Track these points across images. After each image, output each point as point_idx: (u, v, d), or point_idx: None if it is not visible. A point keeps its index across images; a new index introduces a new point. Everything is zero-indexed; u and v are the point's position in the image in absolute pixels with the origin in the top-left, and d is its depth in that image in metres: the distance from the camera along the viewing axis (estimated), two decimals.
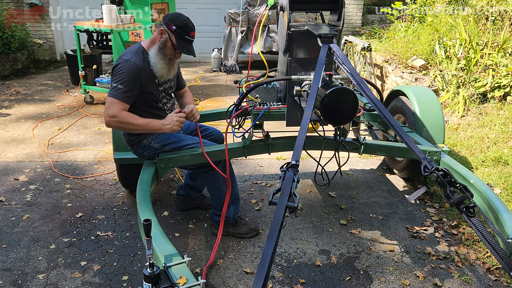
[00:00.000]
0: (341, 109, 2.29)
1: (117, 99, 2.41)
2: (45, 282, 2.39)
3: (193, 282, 1.58)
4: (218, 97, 6.09)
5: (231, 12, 7.36)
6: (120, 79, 2.42)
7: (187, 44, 2.49)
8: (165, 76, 2.57)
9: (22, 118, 5.07)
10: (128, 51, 2.53)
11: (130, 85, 2.43)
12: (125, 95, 2.42)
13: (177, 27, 2.43)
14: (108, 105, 2.43)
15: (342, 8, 2.73)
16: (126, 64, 2.43)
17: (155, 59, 2.50)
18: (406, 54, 5.57)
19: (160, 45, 2.49)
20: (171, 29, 2.44)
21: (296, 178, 1.70)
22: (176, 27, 2.43)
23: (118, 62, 2.47)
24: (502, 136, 4.07)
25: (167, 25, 2.45)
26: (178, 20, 2.45)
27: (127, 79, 2.42)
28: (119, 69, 2.44)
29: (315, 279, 2.47)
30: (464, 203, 1.78)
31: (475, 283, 2.46)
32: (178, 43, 2.46)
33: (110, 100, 2.42)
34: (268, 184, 3.61)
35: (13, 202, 3.21)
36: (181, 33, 2.45)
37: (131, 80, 2.42)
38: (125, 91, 2.42)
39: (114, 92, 2.42)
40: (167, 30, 2.46)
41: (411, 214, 3.18)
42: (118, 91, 2.41)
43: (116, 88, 2.42)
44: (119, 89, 2.41)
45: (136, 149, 2.70)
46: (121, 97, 2.42)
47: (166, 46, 2.49)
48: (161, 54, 2.50)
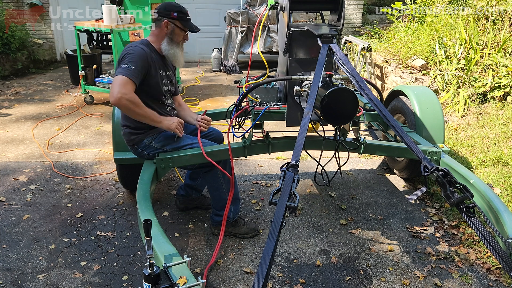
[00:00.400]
0: (341, 109, 2.29)
1: (128, 78, 2.43)
2: (45, 282, 2.39)
3: (193, 282, 1.58)
4: (218, 97, 6.09)
5: (231, 12, 7.36)
6: (130, 60, 2.47)
7: (191, 23, 2.67)
8: (182, 62, 2.73)
9: (22, 118, 5.07)
10: (133, 43, 2.62)
11: (140, 66, 2.48)
12: (136, 74, 2.46)
13: (177, 13, 2.60)
14: (119, 82, 2.42)
15: (342, 8, 2.73)
16: (135, 49, 2.53)
17: (171, 50, 2.63)
18: (406, 54, 5.57)
19: (169, 35, 2.62)
20: (173, 17, 2.59)
21: (296, 178, 1.70)
22: (176, 13, 2.59)
23: (126, 50, 2.53)
24: (502, 136, 4.07)
25: (167, 16, 2.59)
26: (173, 7, 2.60)
27: (137, 61, 2.48)
28: (128, 53, 2.51)
29: (315, 279, 2.47)
30: (464, 203, 1.78)
31: (475, 283, 2.46)
32: (185, 24, 2.63)
33: (122, 78, 2.42)
34: (268, 184, 3.61)
35: (13, 202, 3.21)
36: (183, 16, 2.61)
37: (140, 63, 2.49)
38: (135, 71, 2.46)
39: (125, 71, 2.44)
40: (170, 19, 2.59)
41: (411, 214, 3.18)
42: (130, 70, 2.44)
43: (127, 68, 2.45)
44: (130, 68, 2.45)
45: (136, 148, 2.70)
46: (132, 76, 2.44)
47: (175, 33, 2.62)
48: (174, 43, 2.64)
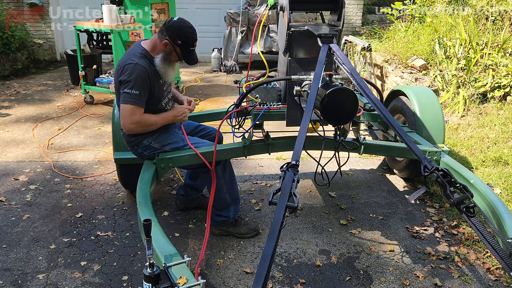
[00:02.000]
0: (341, 109, 2.29)
1: (136, 106, 2.43)
2: (45, 282, 2.39)
3: (193, 282, 1.58)
4: (218, 97, 6.09)
5: (231, 12, 7.36)
6: (133, 84, 2.42)
7: (192, 54, 2.56)
8: (172, 77, 2.66)
9: (22, 118, 5.07)
10: (131, 54, 2.51)
11: (143, 88, 2.45)
12: (142, 99, 2.46)
13: (182, 42, 2.46)
14: (129, 112, 2.43)
15: (342, 8, 2.73)
16: (136, 68, 2.43)
17: (163, 68, 2.54)
18: (406, 54, 5.57)
19: (165, 55, 2.52)
20: (177, 43, 2.47)
21: (296, 178, 1.70)
22: (181, 42, 2.46)
23: (125, 65, 2.45)
24: (502, 136, 4.07)
25: (171, 39, 2.46)
26: (182, 33, 2.45)
27: (140, 83, 2.43)
28: (129, 74, 2.42)
29: (315, 279, 2.47)
30: (464, 203, 1.78)
31: (475, 283, 2.46)
32: (184, 56, 2.53)
33: (130, 108, 2.43)
34: (268, 184, 3.61)
35: (13, 202, 3.21)
36: (186, 47, 2.49)
37: (143, 84, 2.45)
38: (141, 96, 2.44)
39: (131, 98, 2.42)
40: (172, 43, 2.47)
41: (411, 214, 3.18)
42: (135, 97, 2.43)
43: (131, 94, 2.42)
44: (135, 94, 2.42)
45: (136, 149, 2.70)
46: (139, 102, 2.45)
47: (171, 55, 2.53)
48: (167, 62, 2.55)
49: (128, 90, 2.42)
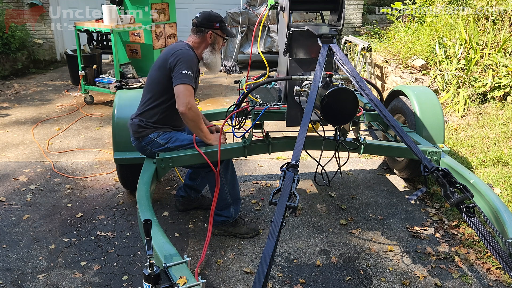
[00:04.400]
0: (341, 109, 2.29)
1: (192, 86, 2.51)
2: (45, 282, 2.39)
3: (193, 282, 1.58)
4: (218, 97, 6.09)
5: (231, 12, 7.36)
6: (188, 66, 2.51)
7: (228, 29, 2.77)
8: (219, 68, 2.86)
9: (22, 118, 5.07)
10: (179, 45, 2.63)
11: (194, 71, 2.56)
12: (194, 81, 2.55)
13: (219, 22, 2.69)
14: (188, 93, 2.48)
15: (342, 8, 2.73)
16: (189, 52, 2.58)
17: (214, 59, 2.72)
18: (406, 54, 5.57)
19: (212, 45, 2.71)
20: (216, 27, 2.68)
21: (296, 178, 1.70)
22: (218, 23, 2.68)
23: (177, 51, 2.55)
24: (502, 136, 4.07)
25: (210, 27, 2.66)
26: (214, 17, 2.68)
27: (192, 66, 2.55)
28: (183, 57, 2.53)
29: (315, 279, 2.47)
30: (464, 203, 1.78)
31: (475, 283, 2.46)
32: (227, 32, 2.74)
33: (189, 88, 2.49)
34: (268, 184, 3.61)
35: (13, 202, 3.21)
36: (223, 25, 2.72)
37: (194, 67, 2.57)
38: (193, 77, 2.54)
39: (189, 79, 2.49)
40: (213, 30, 2.68)
41: (411, 214, 3.18)
42: (191, 78, 2.51)
43: (187, 75, 2.49)
44: (190, 76, 2.50)
45: (140, 142, 2.69)
46: (193, 82, 2.53)
47: (217, 43, 2.73)
48: (215, 52, 2.74)
49: (184, 71, 2.48)
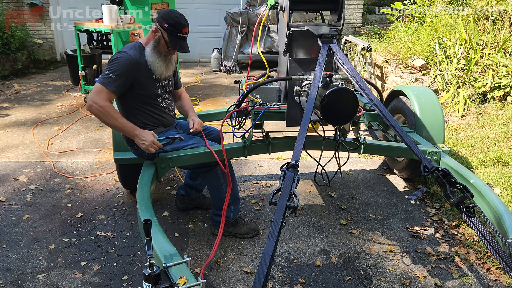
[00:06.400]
0: (341, 109, 2.29)
1: (105, 87, 2.42)
2: (45, 282, 2.39)
3: (193, 282, 1.58)
4: (218, 97, 6.09)
5: (231, 12, 7.36)
6: (113, 69, 2.44)
7: (180, 41, 2.50)
8: (164, 73, 2.60)
9: (22, 118, 5.07)
10: (126, 46, 2.57)
11: (122, 76, 2.44)
12: (114, 84, 2.43)
13: (169, 25, 2.45)
14: (95, 90, 2.43)
15: (342, 8, 2.73)
16: (123, 55, 2.47)
17: (151, 58, 2.52)
18: (406, 54, 5.57)
19: (154, 43, 2.52)
20: (164, 27, 2.46)
21: (296, 178, 1.70)
22: (168, 24, 2.45)
23: (114, 55, 2.51)
24: (502, 136, 4.07)
25: (159, 23, 2.48)
26: (169, 17, 2.46)
27: (120, 70, 2.43)
28: (114, 60, 2.47)
29: (315, 279, 2.47)
30: (464, 203, 1.78)
31: (475, 283, 2.46)
32: (171, 40, 2.48)
33: (98, 87, 2.43)
34: (268, 184, 3.61)
35: (13, 202, 3.21)
36: (173, 31, 2.46)
37: (124, 72, 2.44)
38: (114, 81, 2.43)
39: (104, 79, 2.43)
40: (160, 28, 2.48)
41: (411, 214, 3.18)
42: (108, 79, 2.43)
43: (106, 76, 2.43)
44: (109, 77, 2.43)
45: (136, 148, 2.69)
46: (109, 86, 2.43)
47: (160, 44, 2.51)
48: (157, 52, 2.53)
49: (106, 72, 2.45)
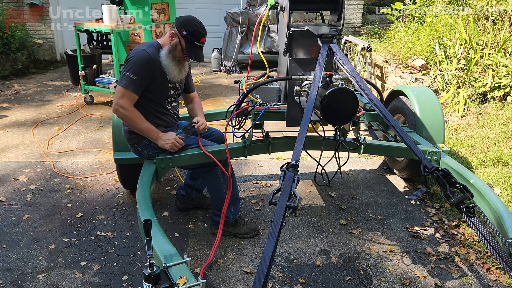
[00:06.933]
0: (341, 109, 2.29)
1: (128, 89, 2.44)
2: (45, 282, 2.39)
3: (193, 282, 1.58)
4: (218, 97, 6.09)
5: (231, 12, 7.36)
6: (132, 68, 2.44)
7: (196, 50, 2.53)
8: (176, 77, 2.61)
9: (22, 118, 5.07)
10: (144, 43, 2.57)
11: (141, 74, 2.45)
12: (136, 85, 2.45)
13: (188, 33, 2.46)
14: (119, 94, 2.45)
15: (342, 8, 2.73)
16: (141, 53, 2.47)
17: (165, 61, 2.53)
18: (406, 54, 5.57)
19: (170, 47, 2.52)
20: (182, 34, 2.47)
21: (296, 178, 1.70)
22: (187, 32, 2.46)
23: (131, 53, 2.50)
24: (502, 136, 4.07)
25: (178, 29, 2.48)
26: (189, 25, 2.47)
27: (139, 69, 2.45)
28: (132, 59, 2.47)
29: (315, 279, 2.47)
30: (464, 203, 1.78)
31: (475, 283, 2.46)
32: (188, 48, 2.50)
33: (121, 90, 2.45)
34: (268, 184, 3.61)
35: (13, 202, 3.21)
36: (191, 39, 2.48)
37: (143, 70, 2.46)
38: (136, 81, 2.44)
39: (125, 81, 2.44)
40: (178, 34, 2.49)
41: (411, 214, 3.18)
42: (129, 80, 2.44)
43: (127, 77, 2.44)
44: (130, 78, 2.43)
45: (136, 147, 2.70)
46: (131, 87, 2.44)
47: (176, 49, 2.52)
48: (171, 56, 2.53)
49: (126, 73, 2.44)
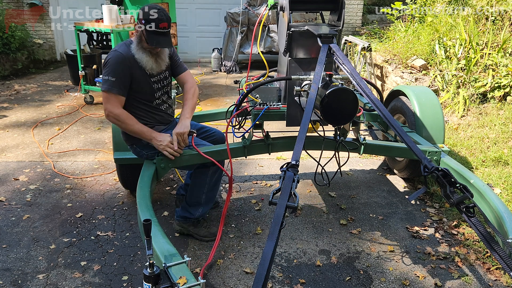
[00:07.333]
0: (341, 109, 2.29)
1: (111, 92, 2.42)
2: (45, 282, 2.39)
3: (193, 282, 1.58)
4: (218, 97, 6.09)
5: (231, 12, 7.36)
6: (109, 70, 2.43)
7: (158, 37, 2.43)
8: (155, 68, 2.55)
9: (22, 118, 5.07)
10: (117, 45, 2.57)
11: (119, 74, 2.43)
12: (118, 86, 2.42)
13: (146, 21, 2.41)
14: (105, 99, 2.45)
15: (342, 8, 2.73)
16: (113, 54, 2.46)
17: (137, 54, 2.49)
18: (406, 54, 5.57)
19: (136, 40, 2.49)
20: (142, 23, 2.42)
21: (296, 178, 1.70)
22: (145, 21, 2.41)
23: (106, 56, 2.50)
24: (502, 136, 4.07)
25: (139, 21, 2.44)
26: (146, 13, 2.42)
27: (115, 70, 2.42)
28: (107, 62, 2.46)
29: (315, 279, 2.47)
30: (464, 203, 1.78)
31: (475, 283, 2.46)
32: (148, 36, 2.42)
33: (105, 95, 2.44)
34: (268, 184, 3.61)
35: (13, 202, 3.21)
36: (151, 27, 2.40)
37: (120, 69, 2.43)
38: (117, 82, 2.42)
39: (107, 85, 2.43)
40: (139, 23, 2.44)
41: (411, 214, 3.18)
42: (110, 83, 2.41)
43: (106, 80, 2.43)
44: (110, 81, 2.42)
45: (135, 148, 2.69)
46: (115, 90, 2.42)
47: (141, 40, 2.47)
48: (141, 48, 2.49)
49: (105, 76, 2.43)
